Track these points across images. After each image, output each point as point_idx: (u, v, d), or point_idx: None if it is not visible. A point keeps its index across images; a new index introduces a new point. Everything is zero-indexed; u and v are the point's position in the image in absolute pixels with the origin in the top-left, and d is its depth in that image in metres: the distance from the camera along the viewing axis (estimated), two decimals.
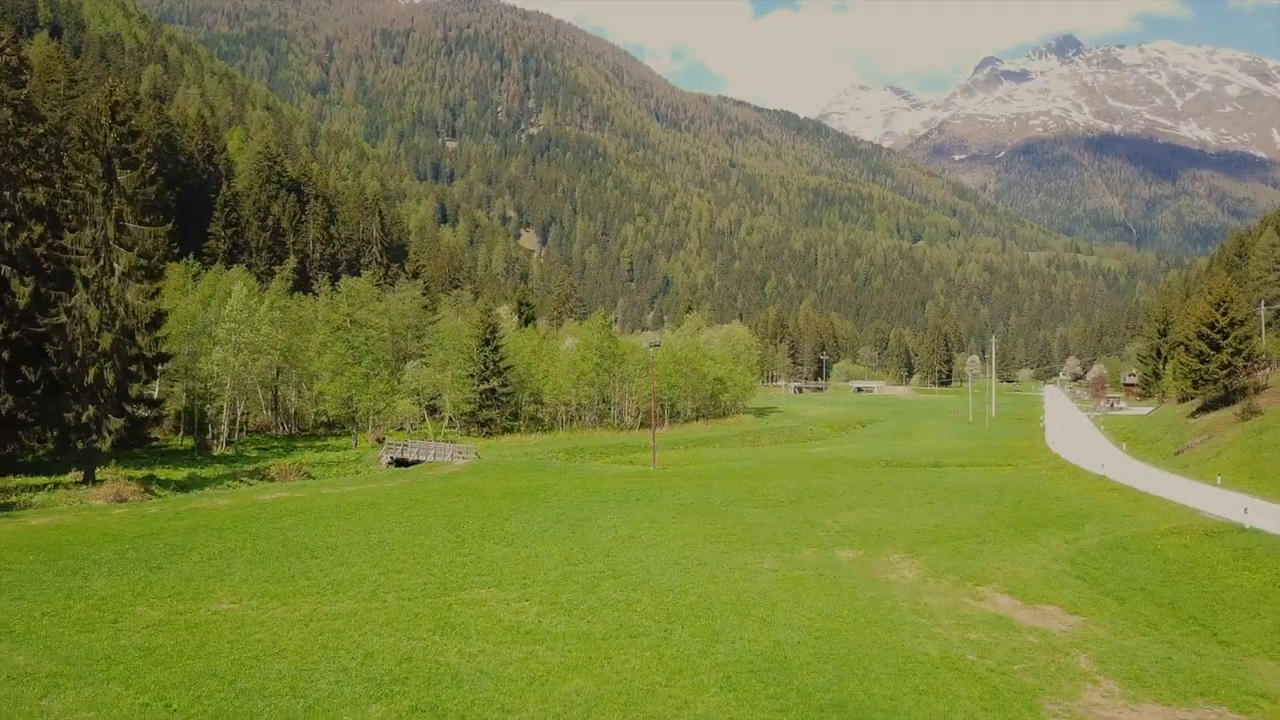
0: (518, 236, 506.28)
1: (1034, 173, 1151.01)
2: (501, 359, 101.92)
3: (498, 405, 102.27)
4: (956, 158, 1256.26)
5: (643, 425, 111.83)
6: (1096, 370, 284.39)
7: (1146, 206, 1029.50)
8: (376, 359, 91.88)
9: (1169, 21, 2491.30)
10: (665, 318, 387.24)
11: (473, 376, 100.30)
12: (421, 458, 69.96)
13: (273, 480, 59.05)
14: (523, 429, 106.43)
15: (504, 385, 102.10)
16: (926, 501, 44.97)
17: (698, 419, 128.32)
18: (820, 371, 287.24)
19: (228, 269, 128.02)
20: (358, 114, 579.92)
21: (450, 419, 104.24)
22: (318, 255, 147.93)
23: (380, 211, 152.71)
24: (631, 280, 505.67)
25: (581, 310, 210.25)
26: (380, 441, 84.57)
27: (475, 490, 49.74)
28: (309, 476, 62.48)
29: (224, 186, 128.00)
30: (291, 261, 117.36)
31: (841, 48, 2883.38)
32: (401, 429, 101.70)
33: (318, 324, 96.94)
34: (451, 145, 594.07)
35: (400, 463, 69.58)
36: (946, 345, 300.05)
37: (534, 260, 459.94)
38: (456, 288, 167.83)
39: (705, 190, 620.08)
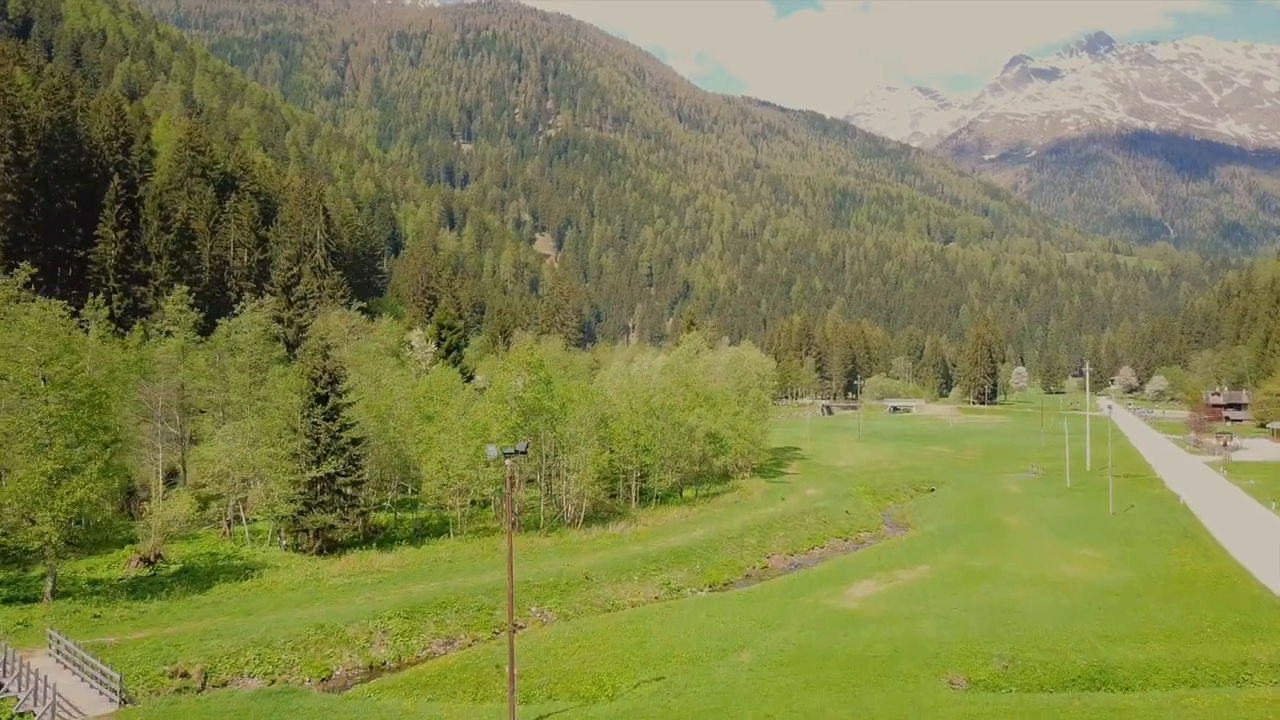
0: (532, 241, 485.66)
1: (1066, 171, 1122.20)
2: (344, 428, 63.72)
3: (342, 503, 62.65)
4: (986, 157, 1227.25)
5: (587, 521, 76.31)
6: (1158, 382, 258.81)
7: (1183, 205, 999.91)
8: (86, 435, 50.95)
9: (1201, 17, 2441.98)
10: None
11: (295, 457, 61.57)
12: (17, 693, 34.06)
13: None
14: (388, 539, 68.33)
15: (350, 469, 63.65)
16: None
17: (681, 490, 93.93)
18: (851, 386, 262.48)
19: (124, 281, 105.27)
20: (371, 116, 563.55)
21: (276, 524, 65.35)
22: (241, 262, 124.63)
23: (325, 210, 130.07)
24: (650, 285, 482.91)
25: (579, 321, 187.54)
26: (149, 563, 54.68)
27: None
28: None
29: (116, 178, 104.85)
30: (25, 271, 61.60)
31: (867, 48, 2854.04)
32: (218, 527, 66.99)
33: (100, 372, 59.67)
34: (466, 148, 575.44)
35: None
36: (990, 356, 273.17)
37: (546, 265, 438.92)
38: (433, 301, 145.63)
39: (728, 191, 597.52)
